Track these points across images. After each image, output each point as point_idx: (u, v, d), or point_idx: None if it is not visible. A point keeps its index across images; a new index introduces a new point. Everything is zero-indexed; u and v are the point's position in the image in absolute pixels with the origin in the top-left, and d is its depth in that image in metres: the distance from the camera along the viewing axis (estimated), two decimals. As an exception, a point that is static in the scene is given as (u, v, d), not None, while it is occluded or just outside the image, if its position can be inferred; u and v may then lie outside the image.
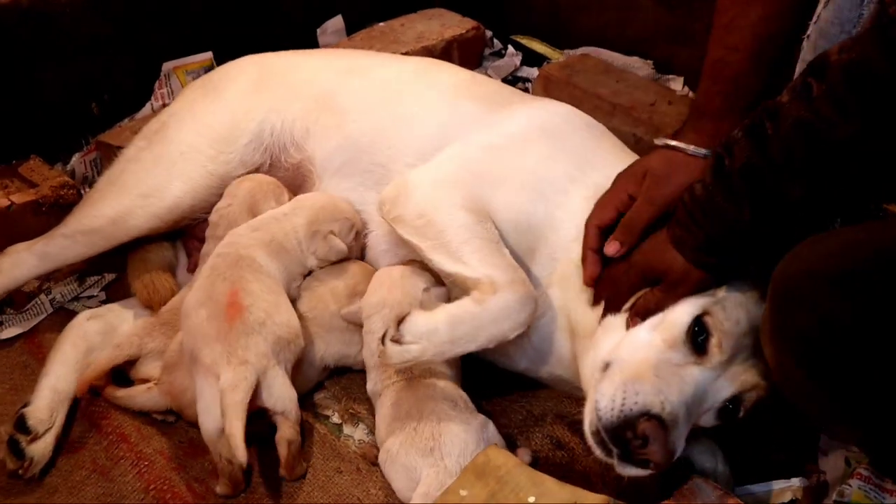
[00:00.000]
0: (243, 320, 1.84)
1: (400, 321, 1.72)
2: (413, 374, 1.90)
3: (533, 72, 3.14)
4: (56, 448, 1.88)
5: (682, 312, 1.69)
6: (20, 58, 2.50)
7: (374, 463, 1.92)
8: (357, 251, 2.14)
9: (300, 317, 1.98)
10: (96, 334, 2.06)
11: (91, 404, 2.00)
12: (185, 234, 2.28)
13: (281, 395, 1.83)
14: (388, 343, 1.71)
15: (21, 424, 1.83)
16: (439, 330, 1.72)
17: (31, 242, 2.14)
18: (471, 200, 1.90)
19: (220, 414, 1.73)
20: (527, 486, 1.73)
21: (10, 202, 2.30)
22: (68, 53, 2.59)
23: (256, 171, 2.20)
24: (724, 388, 1.68)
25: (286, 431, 1.82)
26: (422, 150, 2.05)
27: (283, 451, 1.82)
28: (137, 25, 2.71)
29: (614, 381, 1.64)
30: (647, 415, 1.58)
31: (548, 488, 1.73)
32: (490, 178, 1.95)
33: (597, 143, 2.10)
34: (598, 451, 1.65)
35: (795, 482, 1.88)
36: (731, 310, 1.68)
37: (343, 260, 2.11)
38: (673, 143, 1.81)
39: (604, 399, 1.62)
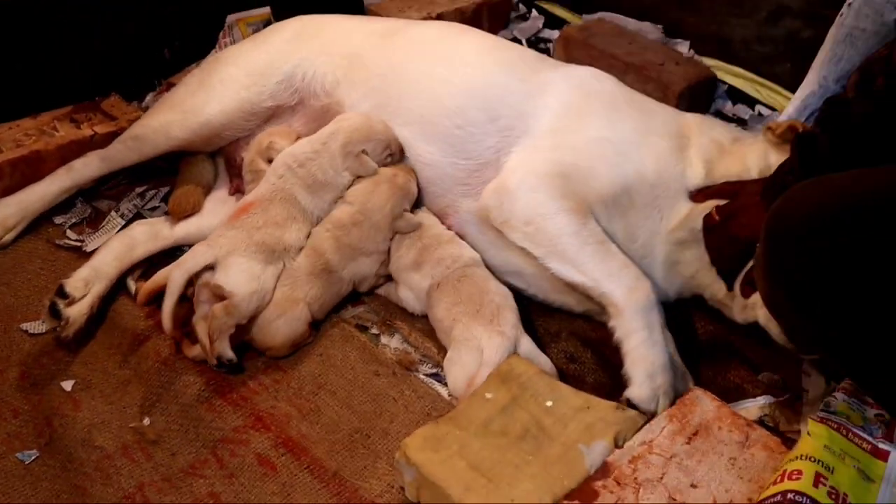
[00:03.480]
0: (240, 220, 1.93)
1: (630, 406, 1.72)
2: (465, 271, 1.94)
3: (553, 34, 3.06)
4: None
5: None
6: (107, 6, 2.48)
7: (409, 368, 1.90)
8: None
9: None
10: (141, 234, 2.11)
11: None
12: (227, 161, 2.30)
13: (233, 279, 1.83)
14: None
15: (60, 290, 1.90)
16: (653, 376, 1.74)
17: (99, 150, 2.25)
18: (570, 199, 1.87)
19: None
20: (545, 391, 1.72)
21: (93, 132, 2.32)
22: (146, 4, 2.57)
23: (283, 106, 2.21)
24: None
25: (217, 310, 1.79)
26: (470, 119, 2.01)
27: (200, 328, 1.82)
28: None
29: None
30: None
31: (563, 394, 1.72)
32: (577, 163, 1.91)
33: (632, 93, 2.10)
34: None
35: (760, 400, 1.87)
36: None
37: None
38: None
39: None
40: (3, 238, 2.13)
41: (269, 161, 2.06)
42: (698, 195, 1.92)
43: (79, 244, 2.18)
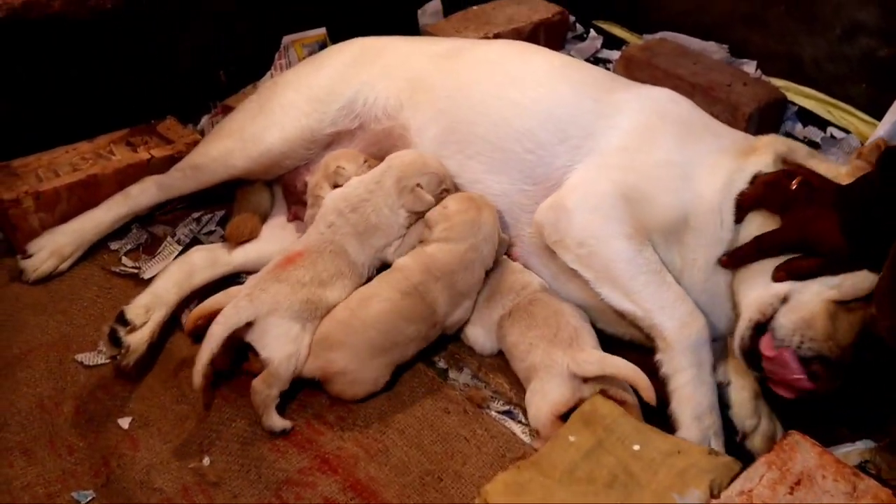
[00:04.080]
0: (286, 272, 1.78)
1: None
2: (535, 296, 1.85)
3: (612, 54, 2.95)
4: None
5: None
6: (162, 29, 2.41)
7: (480, 406, 1.78)
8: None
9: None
10: (200, 260, 2.02)
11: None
12: (285, 188, 2.20)
13: (270, 344, 1.71)
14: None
15: (120, 317, 1.81)
16: (701, 416, 1.65)
17: (156, 176, 2.17)
18: (628, 224, 1.75)
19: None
20: (632, 434, 1.59)
21: (150, 156, 2.24)
22: (201, 26, 2.49)
23: (344, 132, 2.10)
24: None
25: (257, 385, 1.70)
26: (541, 141, 1.89)
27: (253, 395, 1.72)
28: (261, 1, 2.59)
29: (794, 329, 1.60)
30: (819, 358, 1.57)
31: (651, 438, 1.59)
32: (639, 185, 1.79)
33: (708, 118, 1.97)
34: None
35: (860, 445, 1.72)
36: None
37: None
38: None
39: (782, 332, 1.60)
40: (59, 266, 2.05)
41: (335, 186, 1.96)
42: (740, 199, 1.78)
43: (135, 271, 2.09)
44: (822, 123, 2.58)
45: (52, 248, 2.05)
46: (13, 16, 2.10)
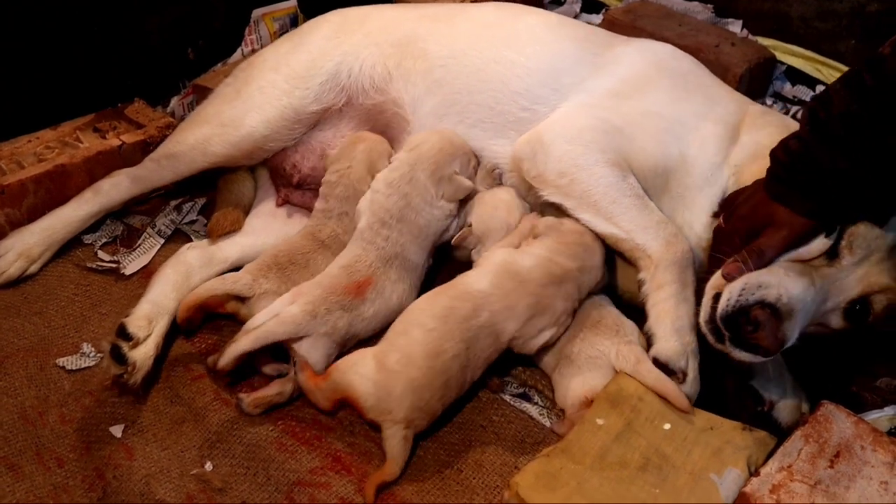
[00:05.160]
0: (354, 302, 1.66)
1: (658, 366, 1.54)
2: None
3: (592, 18, 2.83)
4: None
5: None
6: (126, 7, 2.23)
7: (495, 391, 1.68)
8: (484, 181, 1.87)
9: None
10: (195, 259, 1.86)
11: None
12: (273, 172, 2.06)
13: (320, 362, 1.61)
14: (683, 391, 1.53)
15: (122, 331, 1.64)
16: (681, 331, 1.55)
17: (129, 168, 2.01)
18: (610, 154, 1.67)
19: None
20: (661, 413, 1.51)
21: (121, 142, 2.07)
22: (167, 2, 2.32)
23: (330, 108, 1.97)
24: (851, 288, 1.50)
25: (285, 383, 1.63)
26: (537, 96, 1.81)
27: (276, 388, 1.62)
28: (228, -26, 2.43)
29: (740, 280, 1.47)
30: (761, 303, 1.42)
31: (683, 416, 1.50)
32: (623, 128, 1.71)
33: (709, 77, 1.90)
34: (709, 338, 1.52)
35: (889, 410, 1.66)
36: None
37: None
38: None
39: (727, 292, 1.46)
40: (28, 269, 1.89)
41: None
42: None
43: (114, 265, 1.94)
44: (811, 82, 2.52)
45: (20, 249, 1.88)
46: (-34, -7, 1.92)
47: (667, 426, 1.47)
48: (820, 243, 1.49)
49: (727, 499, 1.37)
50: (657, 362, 1.53)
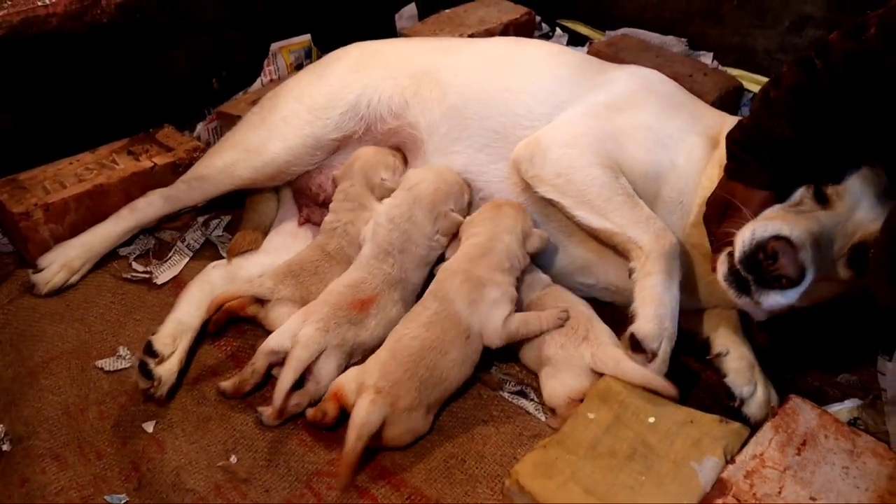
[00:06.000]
0: (359, 316, 1.67)
1: (633, 342, 1.53)
2: (545, 291, 1.76)
3: (577, 50, 2.85)
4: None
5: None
6: (156, 40, 2.27)
7: (495, 389, 1.70)
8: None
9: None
10: (219, 278, 1.87)
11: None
12: (295, 191, 2.07)
13: (329, 376, 1.62)
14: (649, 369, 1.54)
15: (149, 349, 1.66)
16: (661, 316, 1.54)
17: (162, 189, 2.03)
18: (603, 157, 1.69)
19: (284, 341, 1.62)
20: (646, 408, 1.53)
21: (153, 164, 2.09)
22: (194, 36, 2.35)
23: (350, 136, 1.97)
24: (851, 233, 1.49)
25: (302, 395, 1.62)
26: (537, 115, 1.82)
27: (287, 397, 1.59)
28: (249, 11, 2.46)
29: (748, 226, 1.47)
30: (776, 237, 1.41)
31: (665, 410, 1.53)
32: (615, 135, 1.73)
33: (690, 97, 1.93)
34: (733, 293, 1.47)
35: (848, 403, 1.68)
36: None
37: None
38: None
39: (739, 239, 1.45)
40: (69, 279, 1.90)
41: (381, 197, 1.87)
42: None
43: (146, 276, 1.96)
44: (776, 108, 2.55)
45: (63, 261, 1.90)
46: (13, 33, 1.95)
47: (651, 419, 1.49)
48: (799, 194, 1.52)
49: (706, 484, 1.38)
50: (633, 338, 1.53)
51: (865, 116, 1.37)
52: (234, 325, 1.82)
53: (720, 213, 1.58)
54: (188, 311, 1.78)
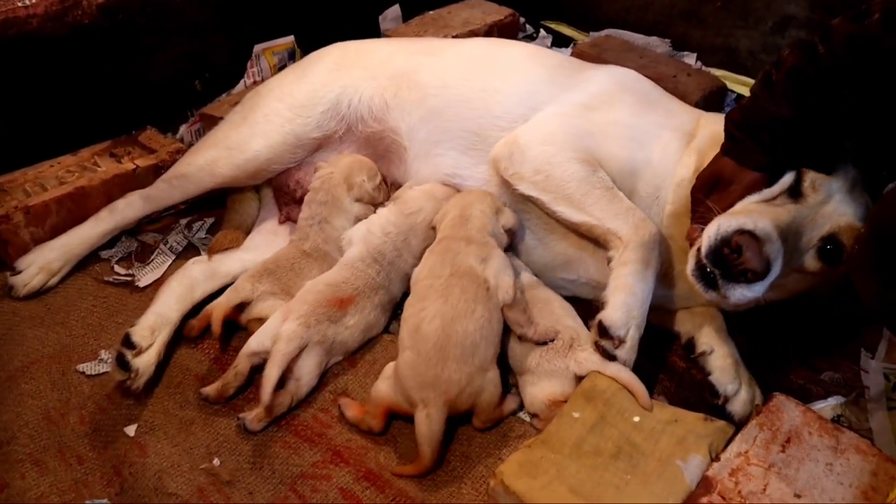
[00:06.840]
0: (339, 313, 1.68)
1: (601, 329, 1.53)
2: (529, 294, 1.72)
3: (561, 51, 2.85)
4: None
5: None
6: (138, 42, 2.25)
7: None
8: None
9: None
10: (199, 273, 1.86)
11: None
12: (274, 189, 2.06)
13: (311, 373, 1.64)
14: (610, 362, 1.53)
15: (127, 341, 1.65)
16: (630, 305, 1.54)
17: (141, 189, 2.01)
18: (581, 153, 1.69)
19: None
20: (631, 407, 1.52)
21: (135, 166, 2.08)
22: (176, 38, 2.33)
23: (331, 136, 1.97)
24: (821, 225, 1.50)
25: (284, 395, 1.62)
26: (514, 116, 1.82)
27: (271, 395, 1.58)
28: (232, 12, 2.44)
29: (713, 222, 1.48)
30: (739, 231, 1.42)
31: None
32: (592, 132, 1.74)
33: (666, 95, 1.93)
34: (701, 287, 1.47)
35: (832, 401, 1.69)
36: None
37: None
38: None
39: (706, 234, 1.45)
40: (48, 282, 1.88)
41: (357, 199, 1.89)
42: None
43: (129, 279, 1.94)
44: (758, 108, 2.56)
45: (41, 263, 1.88)
46: (-8, 34, 1.92)
47: (636, 418, 1.49)
48: (778, 185, 1.52)
49: (692, 482, 1.37)
50: (601, 325, 1.53)
51: (864, 100, 1.38)
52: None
53: (709, 188, 1.59)
54: (168, 305, 1.77)
